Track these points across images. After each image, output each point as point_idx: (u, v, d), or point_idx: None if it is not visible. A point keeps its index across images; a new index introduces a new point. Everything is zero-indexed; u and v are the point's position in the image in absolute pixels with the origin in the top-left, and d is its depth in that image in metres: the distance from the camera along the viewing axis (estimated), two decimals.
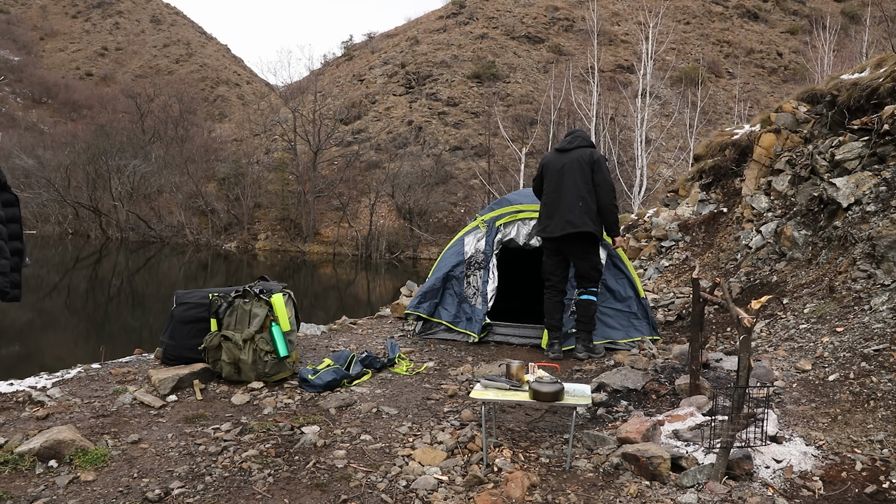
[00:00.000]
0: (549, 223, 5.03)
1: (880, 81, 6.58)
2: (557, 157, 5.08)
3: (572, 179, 4.94)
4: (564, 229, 4.91)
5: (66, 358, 9.81)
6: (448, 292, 5.72)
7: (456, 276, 5.72)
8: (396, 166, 35.06)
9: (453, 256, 5.80)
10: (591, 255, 5.06)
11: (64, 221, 39.19)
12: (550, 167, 5.10)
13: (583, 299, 5.08)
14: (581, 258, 5.04)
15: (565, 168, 4.99)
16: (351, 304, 20.49)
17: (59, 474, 2.88)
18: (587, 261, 5.05)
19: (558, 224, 4.94)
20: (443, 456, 3.12)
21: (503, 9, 51.78)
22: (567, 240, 4.97)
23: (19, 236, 3.45)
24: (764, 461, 2.94)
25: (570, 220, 4.89)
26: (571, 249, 5.02)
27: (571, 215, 4.89)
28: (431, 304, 5.69)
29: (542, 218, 5.13)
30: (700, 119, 23.08)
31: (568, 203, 4.92)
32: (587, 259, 5.05)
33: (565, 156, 5.04)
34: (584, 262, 5.05)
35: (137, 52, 78.42)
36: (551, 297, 5.17)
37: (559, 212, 4.95)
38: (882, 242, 4.75)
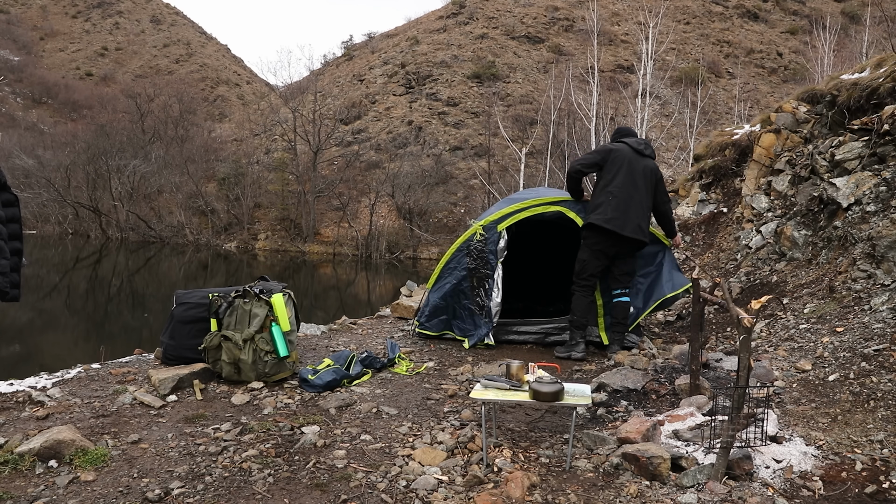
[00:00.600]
0: (620, 218, 4.89)
1: (880, 81, 6.58)
2: (636, 157, 5.02)
3: (647, 187, 5.02)
4: (635, 234, 4.95)
5: (66, 358, 9.80)
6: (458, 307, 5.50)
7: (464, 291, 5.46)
8: (396, 166, 35.05)
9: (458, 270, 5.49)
10: (634, 261, 5.19)
11: (64, 221, 39.18)
12: (629, 163, 4.98)
13: (623, 301, 5.11)
14: (629, 259, 5.14)
15: (645, 173, 5.02)
16: (351, 304, 20.49)
17: (59, 474, 2.88)
18: (633, 262, 5.18)
19: (630, 225, 4.92)
20: (443, 456, 3.12)
21: (503, 9, 51.77)
22: (630, 242, 5.01)
23: (19, 236, 3.46)
24: (764, 461, 2.94)
25: (641, 227, 5.00)
26: (628, 249, 5.07)
27: (643, 223, 5.02)
28: (441, 322, 5.54)
29: (606, 209, 4.90)
30: (700, 119, 23.07)
31: (642, 209, 5.01)
32: (633, 261, 5.18)
33: (643, 160, 5.05)
34: (630, 263, 5.16)
35: (137, 52, 78.42)
36: (586, 297, 5.13)
37: (632, 213, 4.94)
38: (882, 242, 4.75)
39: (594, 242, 5.03)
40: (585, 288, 5.11)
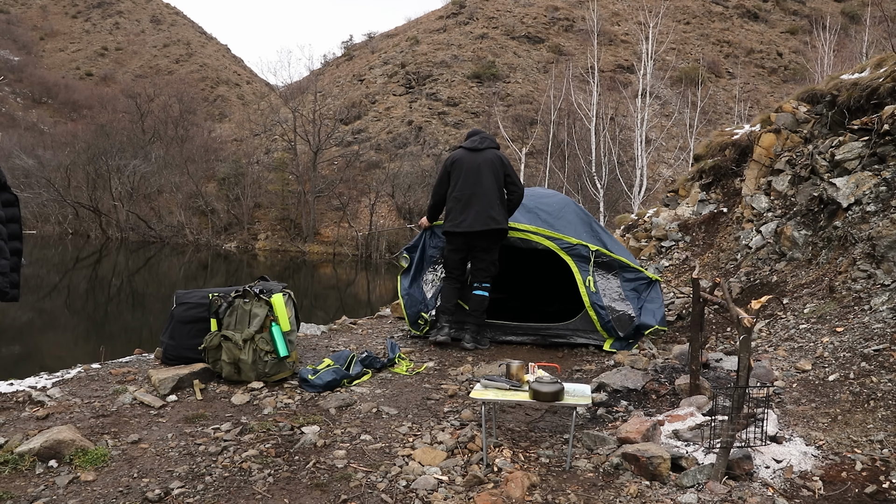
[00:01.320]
0: (465, 218, 5.10)
1: (880, 81, 6.58)
2: (470, 156, 5.22)
3: (489, 177, 5.11)
4: (486, 224, 5.05)
5: (66, 358, 9.81)
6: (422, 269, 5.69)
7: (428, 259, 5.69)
8: (396, 166, 35.07)
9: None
10: (495, 251, 5.26)
11: (64, 221, 39.21)
12: (464, 165, 5.19)
13: (477, 294, 5.26)
14: (487, 252, 5.21)
15: (482, 166, 5.14)
16: (351, 304, 20.49)
17: (59, 474, 2.88)
18: (492, 254, 5.24)
19: (478, 219, 5.06)
20: (443, 456, 3.12)
21: (503, 9, 51.79)
22: (482, 235, 5.11)
23: (19, 236, 3.46)
24: (764, 461, 2.94)
25: (492, 216, 5.06)
26: (482, 244, 5.17)
27: (493, 211, 5.07)
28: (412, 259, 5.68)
29: (454, 213, 5.17)
30: (700, 119, 23.07)
31: (487, 199, 5.08)
32: (492, 253, 5.24)
33: (478, 155, 5.20)
34: (489, 255, 5.23)
35: (137, 52, 78.43)
36: (451, 285, 5.36)
37: (477, 207, 5.07)
38: (882, 242, 4.75)
39: (451, 245, 5.30)
40: (450, 279, 5.36)
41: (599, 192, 20.16)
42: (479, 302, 5.25)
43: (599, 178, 20.42)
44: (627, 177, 21.51)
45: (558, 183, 24.14)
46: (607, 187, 21.02)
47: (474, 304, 5.27)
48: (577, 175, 24.02)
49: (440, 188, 5.36)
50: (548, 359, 4.92)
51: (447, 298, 5.36)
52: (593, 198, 20.87)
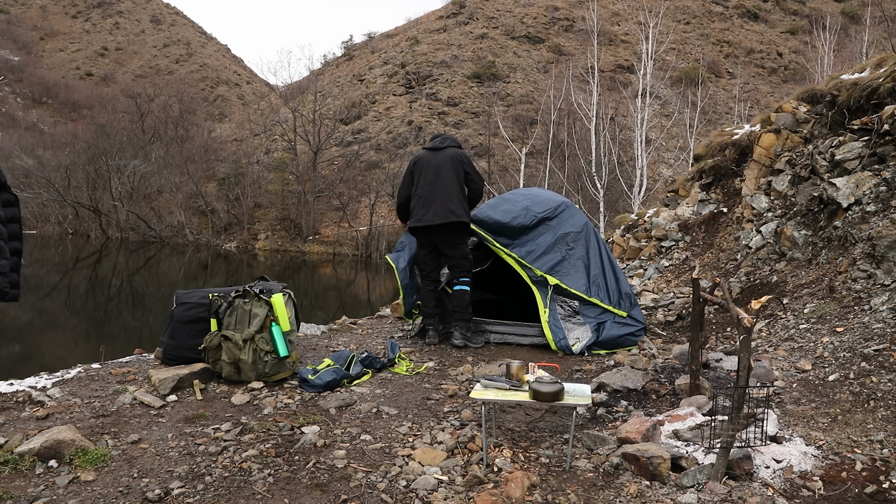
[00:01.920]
0: (426, 212, 5.20)
1: (880, 81, 6.58)
2: (431, 155, 5.36)
3: (449, 174, 5.23)
4: (446, 217, 5.13)
5: (66, 358, 9.81)
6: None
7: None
8: (396, 166, 35.04)
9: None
10: (463, 245, 5.31)
11: (64, 221, 39.20)
12: (425, 164, 5.33)
13: (457, 290, 5.31)
14: (454, 247, 5.26)
15: (441, 164, 5.26)
16: (351, 304, 20.49)
17: (59, 474, 2.88)
18: (459, 249, 5.28)
19: (438, 213, 5.15)
20: (443, 456, 3.12)
21: (503, 9, 51.78)
22: (443, 229, 5.18)
23: (19, 236, 3.46)
24: (764, 461, 2.94)
25: (452, 210, 5.15)
26: (446, 238, 5.23)
27: (452, 205, 5.16)
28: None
29: (416, 209, 5.29)
30: (700, 119, 23.06)
31: (447, 194, 5.18)
32: (460, 248, 5.28)
33: (439, 153, 5.34)
34: (457, 250, 5.27)
35: (137, 52, 78.42)
36: (427, 286, 5.42)
37: (437, 202, 5.16)
38: (882, 242, 4.75)
39: (418, 242, 5.41)
40: (424, 279, 5.44)
41: (599, 192, 20.16)
42: (459, 297, 5.30)
43: (599, 178, 20.42)
44: (627, 177, 21.50)
45: (558, 183, 24.13)
46: (607, 187, 21.01)
47: (456, 300, 5.33)
48: (577, 175, 24.02)
49: (404, 188, 5.48)
50: (548, 359, 4.92)
51: (425, 302, 5.44)
52: (593, 198, 20.86)
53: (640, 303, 6.93)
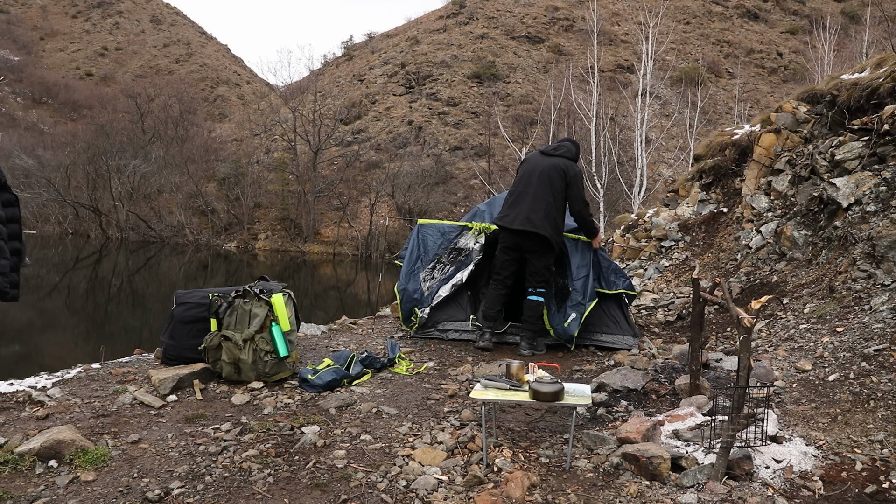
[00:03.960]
0: (509, 213, 5.13)
1: (880, 81, 6.58)
2: (539, 159, 5.26)
3: (545, 183, 5.10)
4: (523, 225, 5.04)
5: (66, 358, 9.81)
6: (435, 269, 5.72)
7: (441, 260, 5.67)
8: (396, 166, 35.06)
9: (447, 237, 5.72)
10: (546, 254, 5.18)
11: (64, 221, 39.18)
12: (531, 165, 5.25)
13: (531, 300, 5.20)
14: (537, 257, 5.16)
15: (543, 170, 5.14)
16: (351, 304, 20.49)
17: (59, 474, 2.88)
18: (543, 258, 5.17)
19: (518, 218, 5.06)
20: (443, 456, 3.12)
21: (503, 9, 51.77)
22: (525, 236, 5.09)
23: (19, 236, 3.45)
24: (764, 461, 2.94)
25: (530, 219, 5.04)
26: (528, 245, 5.14)
27: (534, 215, 5.04)
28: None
29: (504, 208, 5.22)
30: (700, 119, 23.06)
31: (534, 202, 5.07)
32: (543, 257, 5.17)
33: (547, 159, 5.22)
34: (540, 260, 5.16)
35: (137, 52, 78.40)
36: (496, 290, 5.30)
37: (523, 207, 5.07)
38: (882, 242, 4.75)
39: (502, 242, 5.26)
40: (496, 282, 5.30)
41: (599, 192, 20.16)
42: (533, 308, 5.16)
43: (599, 178, 20.42)
44: (627, 177, 21.50)
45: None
46: (607, 187, 21.01)
47: (530, 309, 5.18)
48: None
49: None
50: (548, 359, 4.92)
51: (490, 304, 5.27)
52: (593, 198, 20.86)
53: (640, 303, 6.94)
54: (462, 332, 5.57)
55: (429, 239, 5.73)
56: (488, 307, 5.29)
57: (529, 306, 5.19)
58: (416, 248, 5.71)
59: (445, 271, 5.62)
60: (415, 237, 5.76)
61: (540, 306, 5.18)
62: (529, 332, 5.22)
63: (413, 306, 5.51)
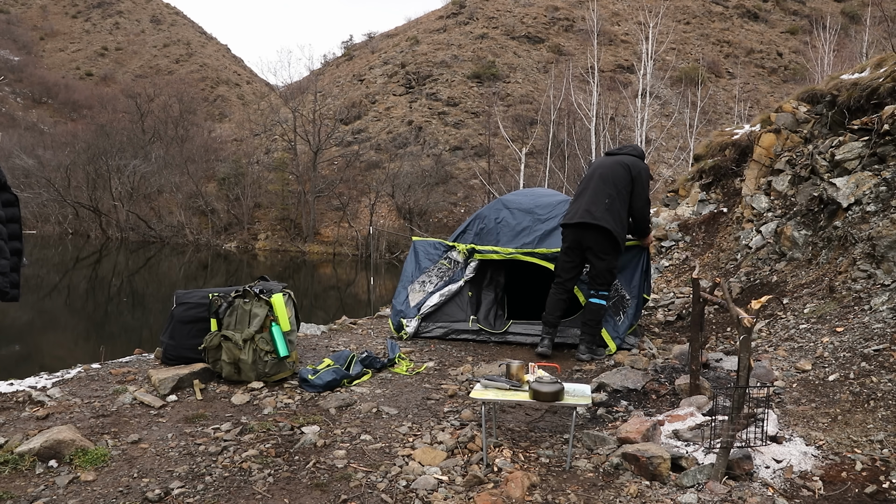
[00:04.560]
0: (570, 210, 5.10)
1: (880, 81, 6.58)
2: (604, 159, 5.27)
3: (608, 178, 5.03)
4: (583, 217, 4.91)
5: (66, 358, 9.80)
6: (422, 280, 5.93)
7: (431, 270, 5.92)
8: (396, 166, 35.06)
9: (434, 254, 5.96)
10: (610, 257, 4.98)
11: (64, 221, 39.18)
12: (593, 167, 5.27)
13: (593, 303, 5.04)
14: (599, 256, 4.97)
15: (606, 167, 5.11)
16: (351, 304, 20.49)
17: (59, 474, 2.88)
18: (605, 261, 4.97)
19: (578, 212, 4.97)
20: (443, 456, 3.12)
21: (503, 9, 51.77)
22: (586, 230, 4.92)
23: (19, 236, 3.45)
24: (764, 461, 2.94)
25: (590, 211, 4.91)
26: (591, 244, 4.95)
27: (594, 207, 4.92)
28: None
29: (570, 205, 5.19)
30: (700, 119, 23.06)
31: (595, 196, 4.97)
32: (606, 259, 4.97)
33: (611, 158, 5.22)
34: (602, 261, 4.97)
35: (137, 52, 78.41)
36: (557, 294, 5.13)
37: (583, 201, 5.00)
38: (882, 242, 4.75)
39: (564, 243, 5.16)
40: (557, 286, 5.17)
41: None
42: (596, 311, 5.02)
43: None
44: None
45: (558, 183, 24.13)
46: None
47: (591, 313, 5.03)
48: (578, 175, 24.01)
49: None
50: (548, 359, 4.92)
51: (550, 309, 5.12)
52: None
53: None
54: (461, 332, 5.64)
55: (421, 254, 5.98)
56: (548, 312, 5.11)
57: (591, 309, 5.03)
58: (410, 263, 5.97)
59: (435, 284, 5.82)
60: (412, 254, 6.03)
61: (602, 310, 5.04)
62: (589, 336, 5.03)
63: (400, 318, 5.71)
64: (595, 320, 5.03)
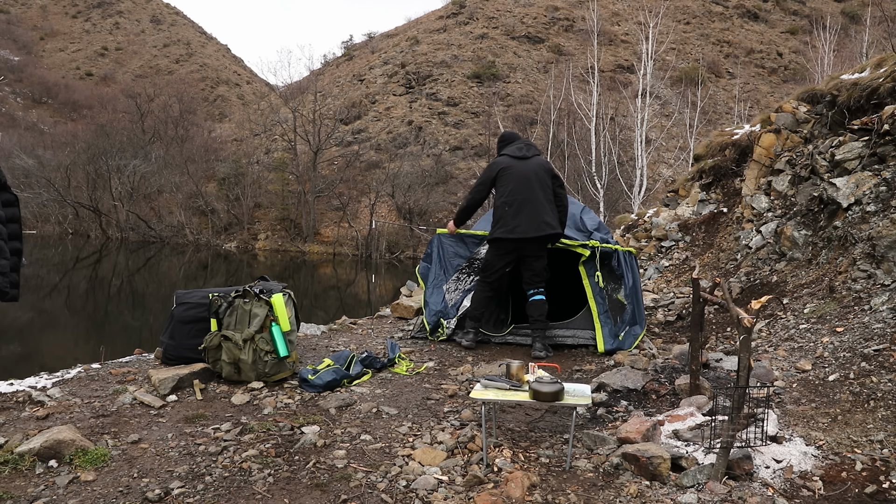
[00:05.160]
0: (519, 223, 5.08)
1: (880, 81, 6.58)
2: (520, 163, 5.22)
3: (541, 184, 5.13)
4: (542, 230, 5.05)
5: (66, 358, 9.80)
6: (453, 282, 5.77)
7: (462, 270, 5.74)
8: (396, 166, 35.06)
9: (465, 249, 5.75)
10: (545, 257, 5.22)
11: (64, 221, 39.18)
12: (515, 172, 5.18)
13: (536, 300, 5.20)
14: (539, 258, 5.17)
15: (535, 173, 5.15)
16: (351, 304, 20.48)
17: (59, 474, 2.88)
18: (542, 260, 5.19)
19: (532, 225, 5.05)
20: (443, 456, 3.12)
21: (503, 9, 51.78)
22: (534, 241, 5.09)
23: (19, 236, 3.45)
24: (764, 461, 2.94)
25: (547, 222, 5.07)
26: (533, 249, 5.13)
27: (548, 217, 5.08)
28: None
29: (506, 219, 5.11)
30: (700, 119, 23.06)
31: (541, 205, 5.08)
32: (543, 259, 5.19)
33: (528, 162, 5.22)
34: (540, 262, 5.18)
35: (137, 52, 78.40)
36: (484, 291, 5.30)
37: (531, 213, 5.06)
38: (882, 242, 4.75)
39: (499, 251, 5.20)
40: (486, 284, 5.29)
41: (599, 192, 20.17)
42: (540, 307, 5.18)
43: (599, 178, 20.43)
44: (627, 177, 21.51)
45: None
46: (607, 187, 21.03)
47: (537, 309, 5.19)
48: (577, 175, 24.03)
49: (479, 193, 5.34)
50: (548, 359, 4.92)
51: (477, 305, 5.30)
52: (593, 198, 20.88)
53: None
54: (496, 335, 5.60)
55: (449, 249, 5.73)
56: (475, 307, 5.33)
57: (536, 306, 5.18)
58: (438, 260, 5.72)
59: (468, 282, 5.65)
60: (436, 248, 5.75)
61: (545, 304, 5.20)
62: (541, 333, 5.20)
63: (439, 318, 5.55)
64: (542, 315, 5.20)
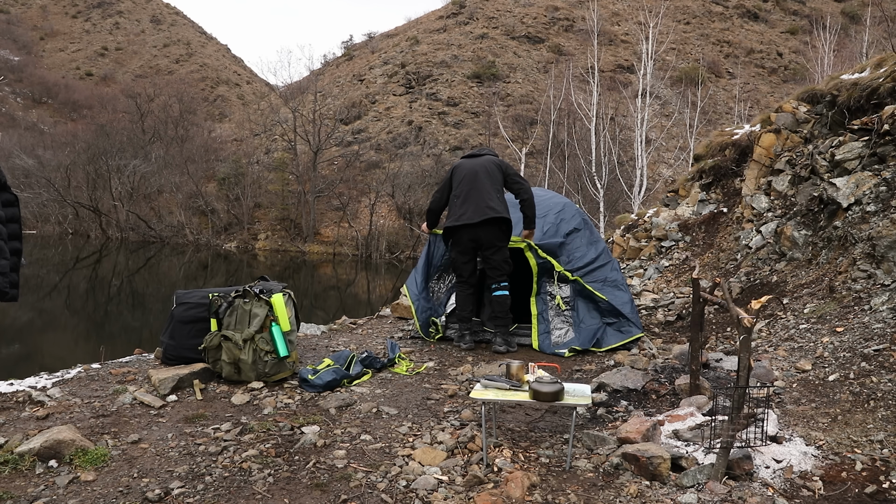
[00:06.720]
0: (465, 211, 5.09)
1: (880, 81, 6.58)
2: (469, 161, 5.33)
3: (486, 175, 5.16)
4: (485, 214, 5.02)
5: (66, 358, 9.80)
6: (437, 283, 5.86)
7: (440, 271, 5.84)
8: (396, 166, 35.08)
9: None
10: (504, 248, 5.19)
11: (64, 221, 39.19)
12: (462, 169, 5.27)
13: (497, 295, 5.21)
14: (496, 251, 5.14)
15: (478, 168, 5.20)
16: (351, 304, 20.49)
17: (59, 474, 2.88)
18: (500, 252, 5.16)
19: (477, 210, 5.05)
20: (443, 456, 3.12)
21: (503, 9, 51.79)
22: (482, 227, 5.06)
23: (19, 236, 3.45)
24: (764, 461, 2.94)
25: (491, 206, 5.05)
26: (487, 239, 5.10)
27: (491, 202, 5.06)
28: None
29: (453, 209, 5.18)
30: (700, 119, 23.06)
31: (486, 192, 5.09)
32: (500, 252, 5.16)
33: (476, 159, 5.31)
34: (499, 254, 5.15)
35: (137, 52, 78.44)
36: (463, 290, 5.34)
37: (476, 200, 5.08)
38: (882, 242, 4.75)
39: (457, 246, 5.25)
40: (461, 284, 5.34)
41: (599, 192, 20.17)
42: (501, 303, 5.20)
43: (599, 178, 20.43)
44: (627, 177, 21.50)
45: (558, 183, 24.14)
46: (607, 187, 21.02)
47: (498, 305, 5.21)
48: (577, 175, 24.03)
49: (440, 193, 5.40)
50: (548, 359, 4.92)
51: (462, 306, 5.33)
52: (593, 198, 20.87)
53: (640, 303, 6.93)
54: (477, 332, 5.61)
55: (435, 249, 5.78)
56: (461, 309, 5.34)
57: (498, 301, 5.21)
58: (426, 258, 5.75)
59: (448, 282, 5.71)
60: (427, 247, 5.79)
61: (507, 299, 5.22)
62: (503, 328, 5.24)
63: (429, 316, 5.57)
64: (504, 311, 5.21)
